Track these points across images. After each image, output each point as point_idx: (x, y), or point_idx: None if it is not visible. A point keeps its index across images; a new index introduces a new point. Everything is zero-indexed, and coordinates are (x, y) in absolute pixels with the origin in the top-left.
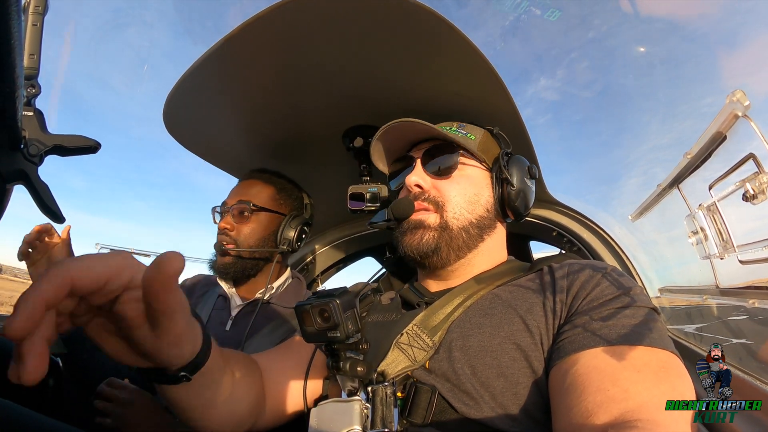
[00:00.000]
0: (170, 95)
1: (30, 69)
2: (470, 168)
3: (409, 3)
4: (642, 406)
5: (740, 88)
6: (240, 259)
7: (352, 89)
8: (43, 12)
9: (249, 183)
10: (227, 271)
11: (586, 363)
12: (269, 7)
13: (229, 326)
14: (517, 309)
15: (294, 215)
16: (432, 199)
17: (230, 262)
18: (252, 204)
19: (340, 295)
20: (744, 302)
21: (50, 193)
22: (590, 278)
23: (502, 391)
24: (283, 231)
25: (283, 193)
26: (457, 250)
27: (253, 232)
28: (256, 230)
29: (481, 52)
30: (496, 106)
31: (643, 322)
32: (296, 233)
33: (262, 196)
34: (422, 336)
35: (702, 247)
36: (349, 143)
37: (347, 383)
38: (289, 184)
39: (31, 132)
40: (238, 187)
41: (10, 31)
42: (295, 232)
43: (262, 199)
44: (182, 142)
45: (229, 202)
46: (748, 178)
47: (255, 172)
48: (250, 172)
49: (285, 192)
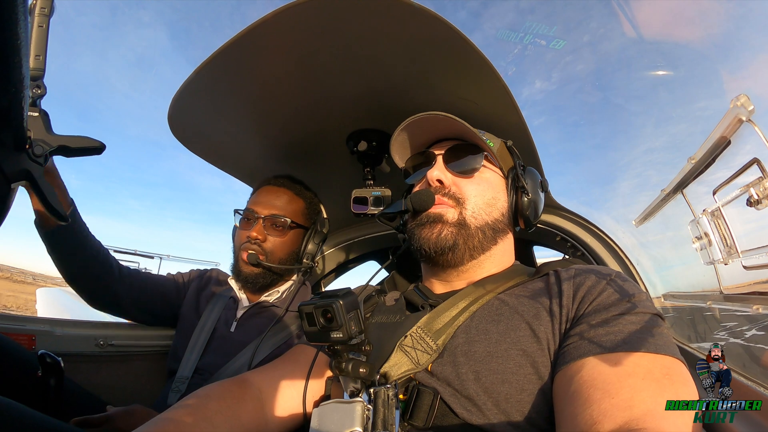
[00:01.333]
0: (175, 99)
1: (36, 70)
2: (490, 172)
3: (417, 9)
4: (647, 414)
5: (736, 91)
6: (269, 271)
7: (357, 93)
8: (49, 14)
9: (279, 192)
10: (255, 281)
11: (590, 370)
12: (275, 11)
13: (233, 327)
14: (523, 315)
15: (315, 230)
16: (452, 195)
17: (260, 273)
18: (290, 220)
19: (343, 295)
20: (748, 308)
21: (54, 193)
22: (596, 284)
23: (506, 397)
24: (306, 246)
25: (309, 209)
26: (472, 249)
27: (284, 246)
28: (286, 244)
29: (491, 63)
30: (505, 119)
31: (647, 328)
32: (317, 249)
33: (294, 209)
34: (426, 339)
35: (706, 253)
36: (353, 147)
37: (350, 384)
38: (314, 199)
39: (36, 132)
40: (267, 194)
41: (16, 32)
42: (317, 248)
43: (295, 214)
44: (187, 145)
45: (260, 211)
46: (753, 183)
47: (284, 179)
48: (278, 178)
49: (312, 206)
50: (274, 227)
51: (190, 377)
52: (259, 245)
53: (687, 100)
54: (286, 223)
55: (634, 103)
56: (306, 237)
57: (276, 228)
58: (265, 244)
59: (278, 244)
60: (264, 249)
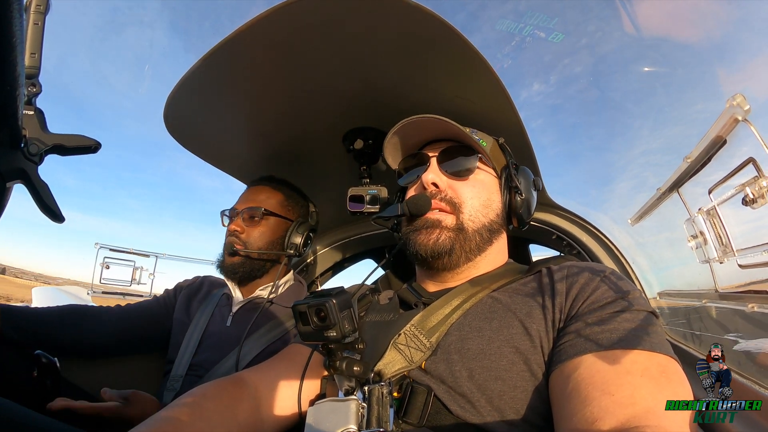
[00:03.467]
0: (170, 97)
1: (31, 68)
2: (483, 173)
3: (413, 7)
4: (647, 412)
5: (737, 92)
6: (248, 259)
7: (353, 91)
8: (45, 11)
9: (258, 189)
10: (235, 270)
11: (587, 368)
12: (270, 9)
13: (229, 321)
14: (516, 313)
15: (300, 222)
16: (449, 199)
17: (238, 262)
18: (262, 209)
19: (336, 294)
20: (743, 306)
21: (50, 192)
22: (589, 281)
23: (499, 394)
24: (291, 236)
25: (290, 201)
26: (468, 252)
27: (262, 235)
28: (265, 234)
29: (487, 61)
30: (501, 117)
31: (642, 326)
32: (302, 239)
33: (271, 201)
34: (419, 337)
35: (701, 251)
36: (349, 145)
37: (344, 382)
38: (295, 193)
39: (31, 131)
40: (247, 192)
41: (12, 29)
42: (301, 237)
43: (271, 205)
44: (183, 143)
45: (238, 207)
46: (748, 183)
47: (264, 179)
48: (260, 178)
49: (292, 199)
50: (251, 219)
51: (184, 375)
52: (237, 236)
53: (684, 102)
54: (259, 212)
55: (632, 105)
56: (290, 228)
57: (252, 219)
58: (243, 235)
59: (255, 234)
60: (242, 239)
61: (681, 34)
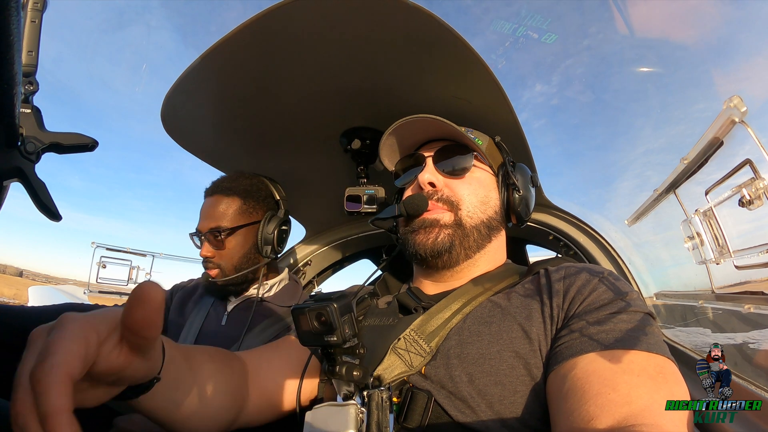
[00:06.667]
0: (167, 96)
1: (28, 66)
2: (480, 171)
3: (411, 7)
4: (644, 410)
5: (734, 94)
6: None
7: (350, 91)
8: (42, 9)
9: (214, 202)
10: (223, 291)
11: (584, 367)
12: (268, 8)
13: (224, 321)
14: (515, 317)
15: (268, 218)
16: (446, 198)
17: (222, 285)
18: (226, 229)
19: (337, 299)
20: (740, 307)
21: (47, 190)
22: (587, 282)
23: (499, 399)
24: (262, 241)
25: (249, 200)
26: (467, 249)
27: (233, 252)
28: (236, 249)
29: (484, 61)
30: (497, 115)
31: (639, 326)
32: (276, 237)
33: (229, 212)
34: (419, 341)
35: (698, 252)
36: (346, 145)
37: (343, 387)
38: (254, 186)
39: (28, 129)
40: (204, 208)
41: (9, 27)
42: (274, 237)
43: (231, 216)
44: (181, 143)
45: (201, 229)
46: (745, 184)
47: (216, 186)
48: (213, 187)
49: (251, 197)
50: (217, 240)
51: None
52: (211, 262)
53: (686, 102)
54: (221, 234)
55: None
56: (259, 232)
57: (218, 240)
58: (216, 259)
59: (226, 254)
60: (216, 263)
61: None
